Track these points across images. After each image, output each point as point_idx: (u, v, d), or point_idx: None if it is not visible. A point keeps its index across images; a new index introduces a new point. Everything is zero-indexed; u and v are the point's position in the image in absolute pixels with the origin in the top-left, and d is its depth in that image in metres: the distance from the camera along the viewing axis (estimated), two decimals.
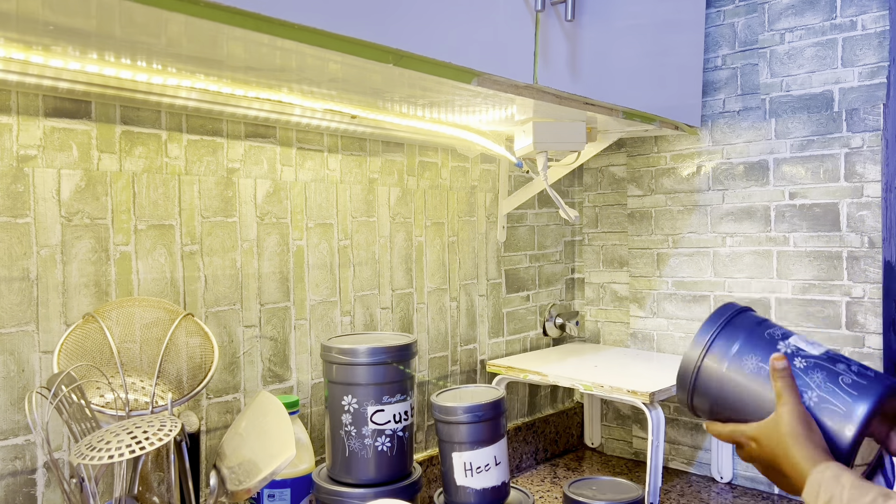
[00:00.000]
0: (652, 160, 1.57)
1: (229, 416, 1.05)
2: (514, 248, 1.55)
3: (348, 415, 1.01)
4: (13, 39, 0.73)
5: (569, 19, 0.96)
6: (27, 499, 0.86)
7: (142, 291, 0.95)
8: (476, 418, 1.05)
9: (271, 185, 1.10)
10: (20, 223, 0.85)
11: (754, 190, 1.42)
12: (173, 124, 0.98)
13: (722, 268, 1.47)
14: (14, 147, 0.84)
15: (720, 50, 1.46)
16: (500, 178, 1.50)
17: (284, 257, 1.12)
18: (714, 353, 0.84)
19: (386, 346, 1.01)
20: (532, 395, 1.60)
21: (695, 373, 0.85)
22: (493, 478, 1.06)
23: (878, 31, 1.27)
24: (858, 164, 1.30)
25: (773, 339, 0.82)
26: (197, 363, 0.86)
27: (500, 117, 1.17)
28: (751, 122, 1.42)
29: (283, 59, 0.80)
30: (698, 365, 0.84)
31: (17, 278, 0.85)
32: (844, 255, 1.32)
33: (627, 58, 1.13)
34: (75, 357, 0.81)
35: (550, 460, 1.61)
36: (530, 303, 1.60)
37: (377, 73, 0.86)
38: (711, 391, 0.84)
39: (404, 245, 1.31)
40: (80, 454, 0.69)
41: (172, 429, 0.72)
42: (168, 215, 0.98)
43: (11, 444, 0.85)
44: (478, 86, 0.91)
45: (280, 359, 1.12)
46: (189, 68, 0.86)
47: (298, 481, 1.01)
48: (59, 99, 0.87)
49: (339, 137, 1.19)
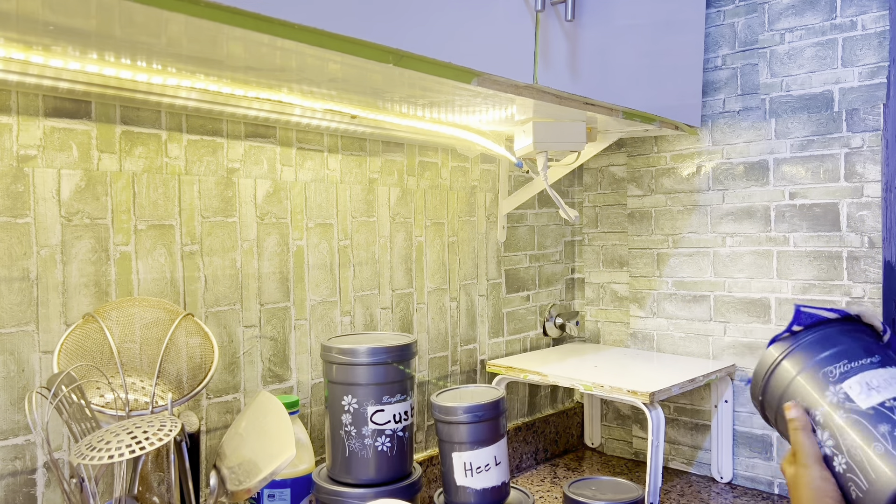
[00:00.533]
0: (652, 160, 1.57)
1: (229, 416, 1.05)
2: (514, 248, 1.55)
3: (348, 415, 1.01)
4: (13, 39, 0.73)
5: (569, 19, 0.96)
6: (27, 499, 0.86)
7: (142, 291, 0.95)
8: (476, 418, 1.05)
9: (271, 185, 1.10)
10: (20, 223, 0.85)
11: (754, 190, 1.42)
12: (173, 124, 0.98)
13: (722, 268, 1.47)
14: (14, 147, 0.84)
15: (720, 50, 1.46)
16: (500, 178, 1.50)
17: (284, 257, 1.12)
18: (792, 359, 0.74)
19: (386, 346, 1.01)
20: (532, 395, 1.60)
21: (768, 373, 0.75)
22: (493, 478, 1.06)
23: (878, 31, 1.27)
24: (858, 164, 1.30)
25: (826, 380, 0.71)
26: (197, 363, 0.86)
27: (500, 117, 1.17)
28: (751, 122, 1.42)
29: (283, 59, 0.80)
30: (773, 366, 0.75)
31: (17, 278, 0.85)
32: (844, 255, 1.32)
33: (627, 58, 1.13)
34: (75, 357, 0.81)
35: (550, 460, 1.61)
36: (530, 303, 1.60)
37: (377, 73, 0.86)
38: (773, 405, 0.75)
39: (404, 245, 1.31)
40: (80, 454, 0.69)
41: (172, 429, 0.72)
42: (168, 215, 0.98)
43: (11, 444, 0.85)
44: (478, 86, 0.91)
45: (280, 359, 1.12)
46: (189, 68, 0.86)
47: (298, 481, 1.01)
48: (59, 99, 0.87)
49: (339, 137, 1.19)
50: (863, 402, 0.66)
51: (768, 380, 0.75)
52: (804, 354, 0.73)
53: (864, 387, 0.68)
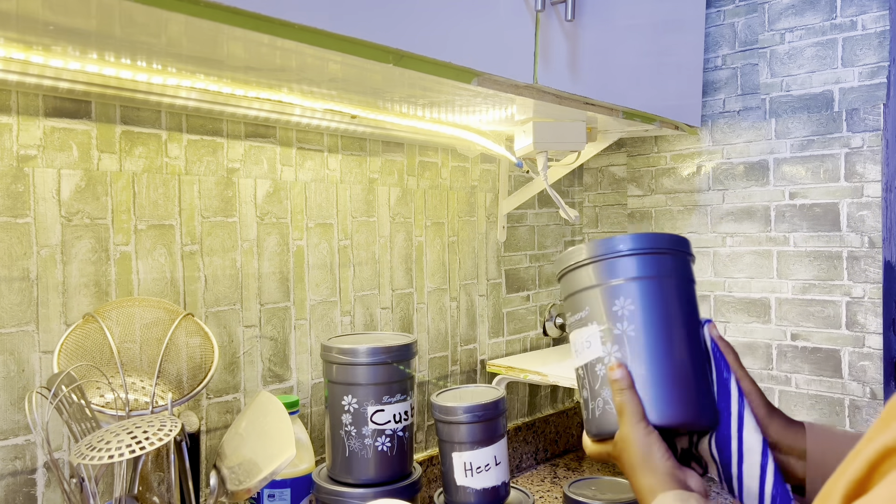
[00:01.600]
0: (652, 160, 1.57)
1: (229, 416, 1.05)
2: (514, 248, 1.55)
3: (348, 415, 1.01)
4: (13, 39, 0.73)
5: (569, 19, 0.96)
6: (27, 499, 0.86)
7: (142, 291, 0.95)
8: (476, 418, 1.05)
9: (271, 185, 1.10)
10: (20, 223, 0.85)
11: (754, 190, 1.42)
12: (173, 124, 0.98)
13: (722, 268, 1.47)
14: (14, 147, 0.84)
15: (720, 50, 1.46)
16: (500, 178, 1.50)
17: (284, 257, 1.12)
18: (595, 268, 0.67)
19: (386, 346, 1.01)
20: (532, 395, 1.60)
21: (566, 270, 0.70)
22: (493, 478, 1.06)
23: (878, 31, 1.27)
24: (858, 163, 1.30)
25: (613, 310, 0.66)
26: (197, 363, 0.86)
27: (500, 117, 1.17)
28: (751, 122, 1.42)
29: (283, 59, 0.80)
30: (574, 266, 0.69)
31: (17, 278, 0.85)
32: (844, 255, 1.32)
33: (627, 58, 1.13)
34: (75, 357, 0.81)
35: (550, 460, 1.61)
36: (530, 303, 1.60)
37: (377, 73, 0.86)
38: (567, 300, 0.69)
39: (404, 245, 1.31)
40: (80, 454, 0.69)
41: (172, 429, 0.72)
42: (168, 215, 0.98)
43: (11, 444, 0.85)
44: (478, 86, 0.91)
45: (280, 359, 1.12)
46: (189, 68, 0.86)
47: (298, 481, 1.01)
48: (59, 99, 0.87)
49: (339, 137, 1.19)
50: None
51: (572, 270, 0.70)
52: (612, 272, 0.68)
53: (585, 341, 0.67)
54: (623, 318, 0.65)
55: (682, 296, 0.68)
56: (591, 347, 0.67)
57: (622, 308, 0.65)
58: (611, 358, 0.65)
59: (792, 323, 1.37)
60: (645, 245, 0.67)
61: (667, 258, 0.68)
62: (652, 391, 0.64)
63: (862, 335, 1.30)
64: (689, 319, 0.68)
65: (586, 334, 0.67)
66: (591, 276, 0.67)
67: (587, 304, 0.67)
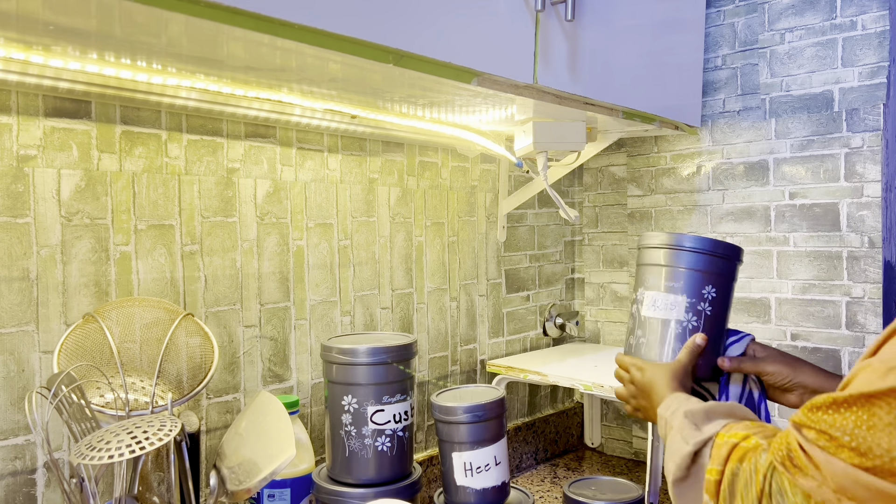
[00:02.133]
0: (652, 160, 1.57)
1: (229, 416, 1.05)
2: (514, 248, 1.55)
3: (348, 415, 1.01)
4: (13, 39, 0.73)
5: (569, 19, 0.96)
6: (27, 499, 0.86)
7: (142, 291, 0.95)
8: (476, 418, 1.05)
9: (271, 185, 1.10)
10: (20, 223, 0.85)
11: (754, 190, 1.42)
12: (173, 124, 0.98)
13: None
14: (14, 147, 0.84)
15: (720, 50, 1.46)
16: (500, 178, 1.50)
17: (284, 257, 1.12)
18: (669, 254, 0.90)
19: (386, 346, 1.01)
20: (532, 395, 1.60)
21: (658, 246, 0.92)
22: (493, 478, 1.06)
23: (878, 31, 1.27)
24: (858, 164, 1.30)
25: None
26: (197, 363, 0.86)
27: (500, 117, 1.17)
28: (751, 122, 1.42)
29: (283, 59, 0.80)
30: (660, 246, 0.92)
31: (17, 278, 0.85)
32: (844, 255, 1.32)
33: (627, 57, 1.13)
34: (75, 357, 0.81)
35: (550, 460, 1.61)
36: (530, 303, 1.60)
37: (377, 73, 0.86)
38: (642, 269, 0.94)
39: (404, 245, 1.31)
40: (80, 454, 0.69)
41: (172, 429, 0.72)
42: (168, 215, 0.98)
43: (11, 444, 0.85)
44: (478, 86, 0.91)
45: (280, 359, 1.12)
46: (189, 68, 0.86)
47: (298, 481, 1.01)
48: (59, 99, 0.87)
49: (339, 137, 1.19)
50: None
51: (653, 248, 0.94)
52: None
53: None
54: (707, 299, 0.88)
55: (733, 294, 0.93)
56: (675, 310, 0.89)
57: (709, 293, 0.89)
58: (689, 323, 0.88)
59: (792, 323, 1.37)
60: (736, 254, 0.90)
61: (737, 265, 0.91)
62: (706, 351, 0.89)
63: (862, 335, 1.30)
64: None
65: (672, 299, 0.89)
66: (697, 262, 0.89)
67: (683, 279, 0.89)
